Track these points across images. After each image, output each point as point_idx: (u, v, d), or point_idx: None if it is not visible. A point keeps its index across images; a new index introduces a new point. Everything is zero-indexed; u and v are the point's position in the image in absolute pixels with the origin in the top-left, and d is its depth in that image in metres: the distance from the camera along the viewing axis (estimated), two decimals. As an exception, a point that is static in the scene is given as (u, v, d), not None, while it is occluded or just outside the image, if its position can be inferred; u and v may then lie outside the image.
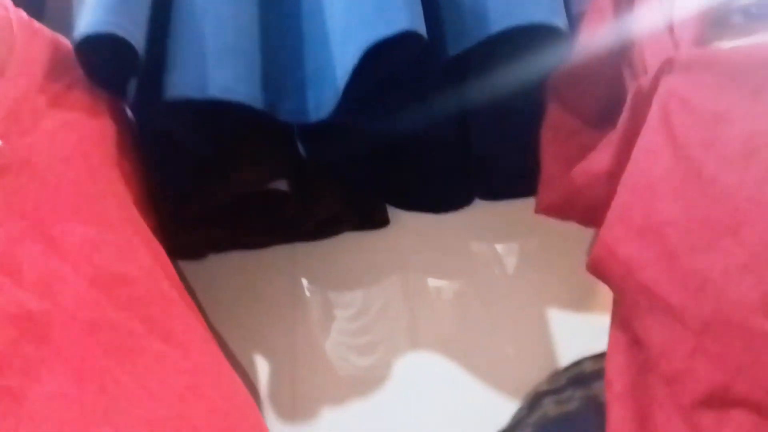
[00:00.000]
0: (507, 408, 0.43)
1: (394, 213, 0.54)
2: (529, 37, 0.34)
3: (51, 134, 0.30)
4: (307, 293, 0.56)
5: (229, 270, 0.55)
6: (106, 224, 0.30)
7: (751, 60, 0.25)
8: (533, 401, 0.33)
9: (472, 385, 0.49)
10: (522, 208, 0.52)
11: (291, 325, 0.55)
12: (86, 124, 0.33)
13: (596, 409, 0.28)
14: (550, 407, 0.33)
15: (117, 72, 0.35)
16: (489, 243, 0.56)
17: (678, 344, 0.25)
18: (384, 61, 0.34)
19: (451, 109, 0.42)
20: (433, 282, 0.56)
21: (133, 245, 0.31)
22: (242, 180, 0.41)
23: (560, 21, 0.33)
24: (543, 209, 0.36)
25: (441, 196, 0.54)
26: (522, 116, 0.41)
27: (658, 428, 0.25)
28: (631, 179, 0.29)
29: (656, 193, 0.27)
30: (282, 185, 0.40)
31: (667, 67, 0.28)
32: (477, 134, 0.48)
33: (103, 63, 0.34)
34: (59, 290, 0.27)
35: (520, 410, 0.36)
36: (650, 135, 0.28)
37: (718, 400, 0.23)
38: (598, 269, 0.30)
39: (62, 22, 0.40)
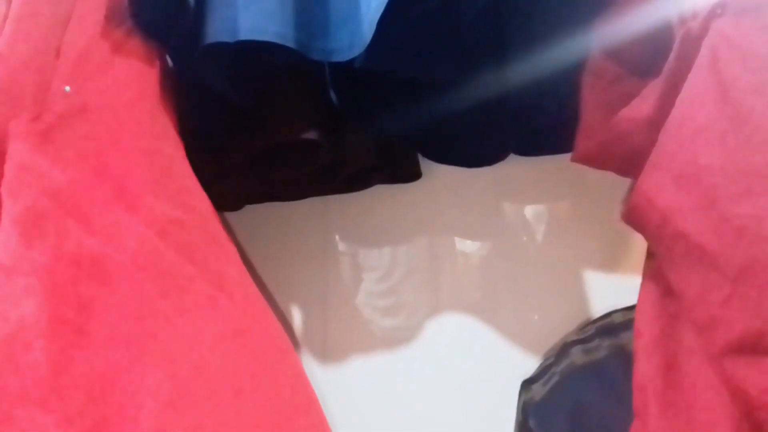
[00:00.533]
0: (534, 362, 0.44)
1: (427, 166, 0.54)
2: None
3: (115, 80, 0.31)
4: (338, 246, 0.57)
5: (263, 221, 0.57)
6: (165, 171, 0.31)
7: None
8: (561, 350, 0.34)
9: (499, 339, 0.50)
10: (556, 165, 0.51)
11: (323, 275, 0.56)
12: (145, 71, 0.33)
13: (624, 358, 0.29)
14: (577, 356, 0.33)
15: (162, 22, 0.35)
16: (520, 201, 0.56)
17: (713, 291, 0.25)
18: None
19: (487, 58, 0.42)
20: (461, 239, 0.56)
21: (190, 192, 0.32)
22: (275, 130, 0.42)
23: None
24: (580, 157, 0.36)
25: (475, 149, 0.54)
26: (561, 67, 0.41)
27: (686, 376, 0.26)
28: (673, 126, 0.28)
29: (699, 139, 0.26)
30: (314, 136, 0.40)
31: (718, 10, 0.27)
32: (513, 86, 0.47)
33: (151, 14, 0.34)
34: (121, 235, 0.28)
35: (547, 359, 0.36)
36: (697, 80, 0.27)
37: (751, 347, 0.23)
38: (634, 218, 0.30)
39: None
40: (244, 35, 0.34)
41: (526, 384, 0.34)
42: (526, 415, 0.34)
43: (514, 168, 0.54)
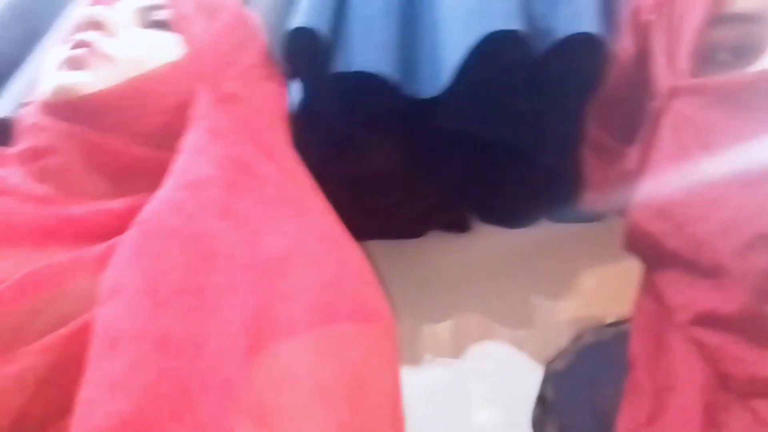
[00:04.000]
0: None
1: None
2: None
3: (265, 93, 0.45)
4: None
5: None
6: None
7: (730, 87, 0.36)
8: (576, 337, 0.43)
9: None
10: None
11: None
12: (283, 93, 0.48)
13: (626, 339, 0.38)
14: (589, 337, 0.42)
15: (302, 58, 0.50)
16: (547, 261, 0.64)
17: (688, 285, 0.35)
18: (485, 62, 0.46)
19: (527, 121, 0.53)
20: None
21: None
22: (367, 160, 0.53)
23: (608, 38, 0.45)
24: (588, 203, 0.47)
25: (515, 212, 0.63)
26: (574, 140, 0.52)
27: (667, 342, 0.35)
28: (649, 174, 0.39)
29: (667, 182, 0.37)
30: (397, 167, 0.52)
31: (672, 93, 0.38)
32: (548, 151, 0.57)
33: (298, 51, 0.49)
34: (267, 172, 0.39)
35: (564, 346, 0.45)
36: (664, 141, 0.39)
37: (709, 321, 0.33)
38: (631, 243, 0.40)
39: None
40: (358, 67, 0.48)
41: (548, 365, 0.43)
42: (544, 387, 0.43)
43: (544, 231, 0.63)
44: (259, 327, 0.30)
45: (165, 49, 0.42)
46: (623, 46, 0.45)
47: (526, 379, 0.47)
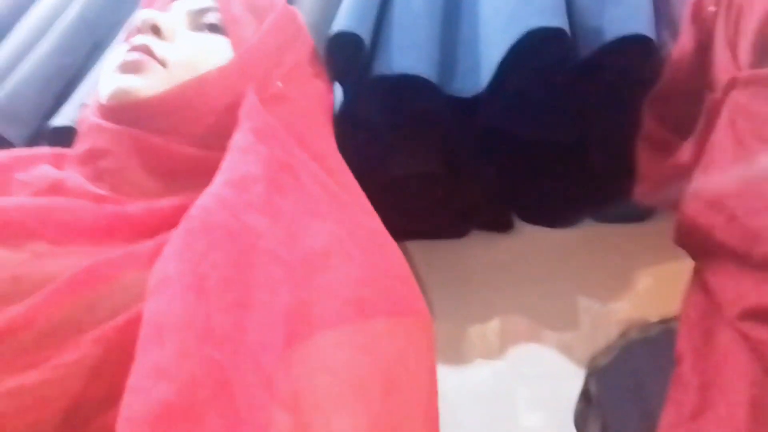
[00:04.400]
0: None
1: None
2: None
3: (311, 92, 0.46)
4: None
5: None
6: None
7: None
8: (621, 334, 0.42)
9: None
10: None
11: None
12: (328, 95, 0.49)
13: (672, 336, 0.37)
14: (634, 334, 0.41)
15: (345, 61, 0.50)
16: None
17: (739, 279, 0.33)
18: (528, 60, 0.46)
19: (571, 120, 0.52)
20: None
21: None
22: (408, 162, 0.53)
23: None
24: (640, 197, 0.46)
25: (557, 211, 0.63)
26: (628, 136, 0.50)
27: (716, 338, 0.34)
28: (704, 168, 0.38)
29: (722, 175, 0.36)
30: (438, 169, 0.51)
31: (732, 84, 0.37)
32: (594, 151, 0.56)
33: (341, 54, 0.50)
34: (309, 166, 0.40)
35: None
36: (720, 135, 0.37)
37: (759, 315, 0.32)
38: (683, 237, 0.39)
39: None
40: (399, 70, 0.48)
41: (592, 360, 0.42)
42: (588, 382, 0.42)
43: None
44: (296, 321, 0.30)
45: (216, 53, 0.43)
46: (683, 39, 0.43)
47: (572, 382, 0.47)
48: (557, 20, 0.45)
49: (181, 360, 0.25)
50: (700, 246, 0.38)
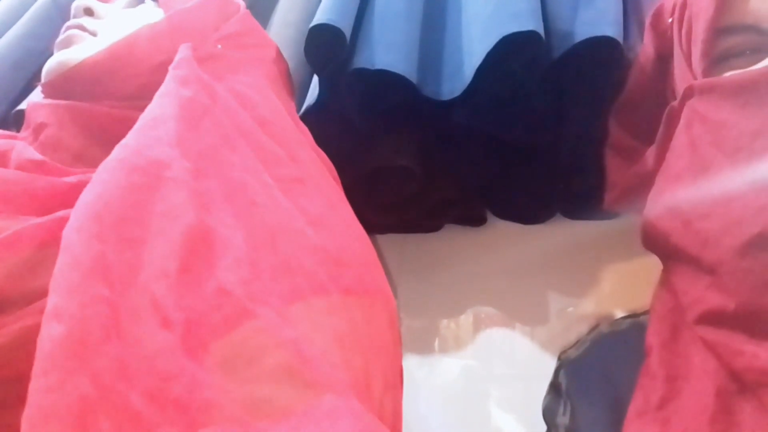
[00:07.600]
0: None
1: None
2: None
3: (253, 61, 0.46)
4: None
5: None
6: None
7: (739, 84, 0.36)
8: (591, 328, 0.44)
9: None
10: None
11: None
12: (283, 79, 0.49)
13: (641, 330, 0.39)
14: (604, 327, 0.43)
15: (324, 55, 0.51)
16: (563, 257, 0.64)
17: (694, 282, 0.36)
18: (504, 62, 0.47)
19: (544, 121, 0.54)
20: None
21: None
22: (384, 155, 0.54)
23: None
24: (609, 205, 0.48)
25: (529, 208, 0.64)
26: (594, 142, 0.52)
27: (681, 334, 0.36)
28: (663, 173, 0.40)
29: (678, 182, 0.38)
30: (412, 163, 0.52)
31: (688, 93, 0.39)
32: (565, 151, 0.58)
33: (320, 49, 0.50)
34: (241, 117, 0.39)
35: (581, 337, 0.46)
36: (677, 142, 0.40)
37: (711, 319, 0.34)
38: (648, 241, 0.41)
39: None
40: (379, 66, 0.49)
41: (562, 353, 0.44)
42: (558, 374, 0.44)
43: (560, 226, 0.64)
44: (197, 240, 0.30)
45: (149, 20, 0.44)
46: (645, 49, 0.45)
47: (542, 376, 0.48)
48: (532, 24, 0.47)
49: (70, 298, 0.25)
50: (662, 250, 0.40)
